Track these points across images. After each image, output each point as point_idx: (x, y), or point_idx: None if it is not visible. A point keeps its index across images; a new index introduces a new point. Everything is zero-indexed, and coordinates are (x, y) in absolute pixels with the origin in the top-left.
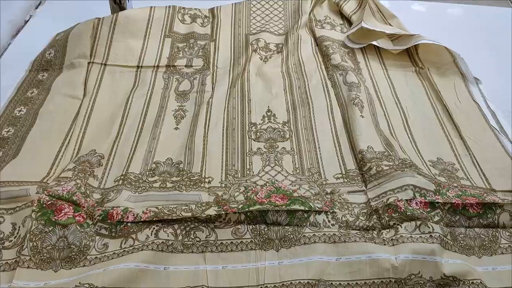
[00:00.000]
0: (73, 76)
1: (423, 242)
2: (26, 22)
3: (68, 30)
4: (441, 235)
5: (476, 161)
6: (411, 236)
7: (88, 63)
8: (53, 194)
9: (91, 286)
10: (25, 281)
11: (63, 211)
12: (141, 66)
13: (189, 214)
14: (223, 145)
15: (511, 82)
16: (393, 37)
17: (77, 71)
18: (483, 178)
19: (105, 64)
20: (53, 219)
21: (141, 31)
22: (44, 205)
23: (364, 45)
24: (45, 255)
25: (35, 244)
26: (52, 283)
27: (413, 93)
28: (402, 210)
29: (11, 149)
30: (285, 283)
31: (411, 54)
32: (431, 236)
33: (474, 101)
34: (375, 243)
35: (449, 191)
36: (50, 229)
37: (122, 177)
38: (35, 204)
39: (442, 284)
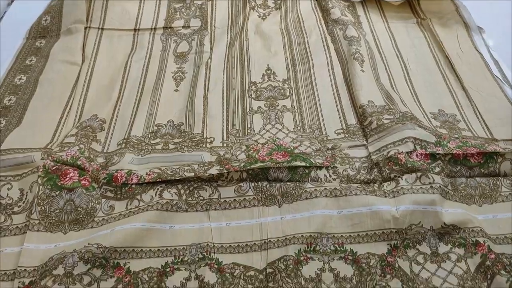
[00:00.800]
0: (70, 41)
1: (423, 193)
2: None
3: None
4: (441, 186)
5: (478, 112)
6: (411, 188)
7: (85, 28)
8: (57, 160)
9: (99, 246)
10: (35, 243)
11: (68, 176)
12: (139, 29)
13: (192, 174)
14: (223, 105)
15: None
16: None
17: (74, 36)
18: (485, 128)
19: (102, 29)
20: (59, 184)
21: None
22: (49, 171)
23: None
24: (53, 218)
25: (43, 208)
26: (61, 244)
27: (414, 45)
28: (402, 163)
29: (14, 118)
30: (288, 237)
31: (413, 5)
32: (431, 186)
33: (477, 50)
34: (375, 195)
35: (450, 142)
36: (56, 193)
37: (124, 140)
38: (40, 170)
39: (443, 232)
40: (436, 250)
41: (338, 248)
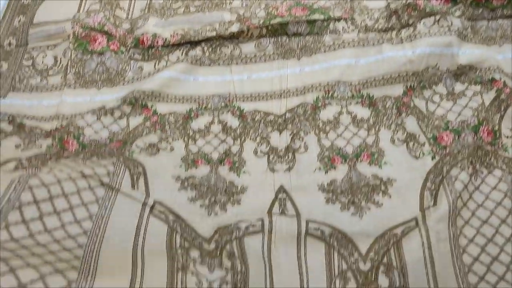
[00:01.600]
0: None
1: (440, 35)
2: None
3: None
4: (459, 28)
5: None
6: (429, 31)
7: None
8: (85, 26)
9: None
10: (72, 97)
11: (97, 41)
12: None
13: (214, 33)
14: None
15: None
16: None
17: None
18: None
19: None
20: (89, 49)
21: None
22: (79, 37)
23: None
24: (87, 78)
25: (77, 70)
26: (97, 98)
27: None
28: (421, 8)
29: None
30: (307, 86)
31: None
32: (449, 29)
33: None
34: (392, 43)
35: None
36: (88, 57)
37: (147, 6)
38: (71, 37)
39: (459, 73)
40: (452, 90)
41: (355, 94)
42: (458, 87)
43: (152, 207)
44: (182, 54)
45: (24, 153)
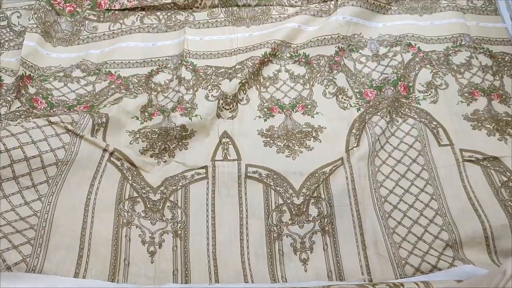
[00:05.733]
0: None
1: (366, 8)
2: None
3: None
4: (382, 3)
5: None
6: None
7: None
8: None
9: (92, 63)
10: (33, 42)
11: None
12: None
13: (169, 1)
14: None
15: None
16: None
17: None
18: None
19: None
20: (51, 2)
21: None
22: None
23: None
24: (46, 28)
25: (39, 15)
26: (53, 55)
27: None
28: None
29: None
30: (255, 45)
31: None
32: (373, 3)
33: None
34: (329, 14)
35: None
36: (49, 8)
37: None
38: None
39: (381, 40)
40: (377, 52)
41: (293, 54)
42: (382, 50)
43: (111, 154)
44: (137, 19)
45: None
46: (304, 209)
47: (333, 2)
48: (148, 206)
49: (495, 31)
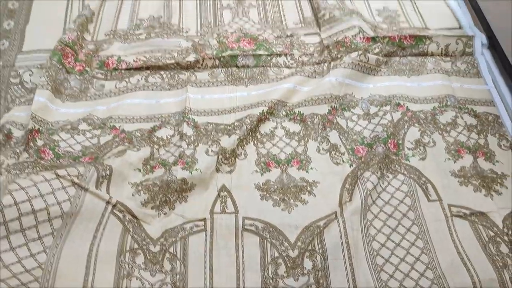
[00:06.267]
0: None
1: (355, 69)
2: None
3: None
4: (372, 66)
5: (416, 6)
6: (344, 62)
7: None
8: (62, 41)
9: (98, 118)
10: (43, 98)
11: (68, 58)
12: None
13: (173, 61)
14: (196, 2)
15: None
16: None
17: None
18: (421, 20)
19: None
20: (62, 61)
21: None
22: (55, 49)
23: None
24: (56, 85)
25: (50, 73)
26: (62, 110)
27: None
28: (348, 44)
29: (21, 19)
30: (253, 103)
31: None
32: (364, 66)
33: None
34: (322, 76)
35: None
36: (60, 67)
37: (112, 32)
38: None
39: (372, 100)
40: (368, 111)
41: (289, 112)
42: (372, 109)
43: (114, 206)
44: (142, 78)
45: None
46: (299, 262)
47: (326, 65)
48: (148, 258)
49: (478, 92)
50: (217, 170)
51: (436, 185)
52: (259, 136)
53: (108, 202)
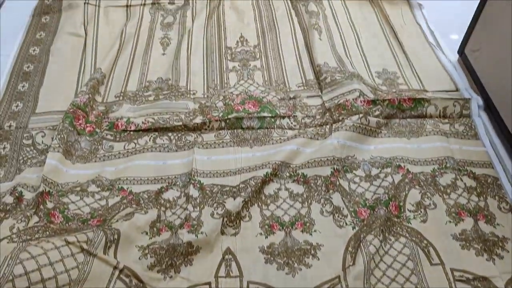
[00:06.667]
0: (72, 16)
1: (358, 132)
2: None
3: None
4: (373, 128)
5: (415, 70)
6: (346, 125)
7: (84, 3)
8: (74, 103)
9: (107, 179)
10: (54, 160)
11: (79, 121)
12: (130, 5)
13: (180, 123)
14: (203, 65)
15: (450, 6)
16: None
17: (75, 11)
18: (419, 82)
19: (98, 6)
20: (74, 123)
21: None
22: (68, 112)
23: None
24: (67, 147)
25: (62, 136)
26: (72, 172)
27: (365, 18)
28: (349, 107)
29: (35, 81)
30: (258, 165)
31: None
32: (364, 128)
33: (417, 22)
34: (325, 138)
35: (387, 96)
36: (71, 129)
37: (121, 94)
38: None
39: (373, 161)
40: (369, 173)
41: (292, 174)
42: (374, 171)
43: (121, 271)
44: (150, 140)
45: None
46: None
47: (328, 127)
48: None
49: (477, 154)
50: (222, 232)
51: (438, 249)
52: (263, 198)
53: (115, 267)
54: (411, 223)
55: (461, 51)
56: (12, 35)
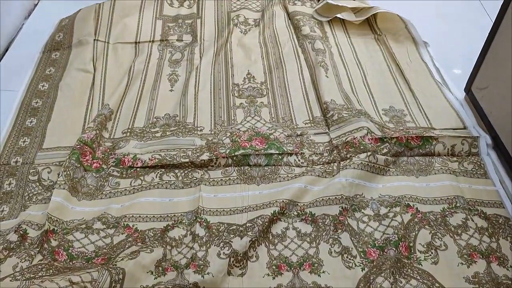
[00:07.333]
0: (82, 52)
1: (366, 170)
2: (35, 5)
3: (73, 15)
4: (381, 166)
5: (422, 107)
6: (353, 163)
7: (94, 40)
8: (81, 139)
9: (113, 216)
10: (60, 198)
11: (86, 157)
12: (139, 42)
13: (187, 160)
14: (211, 102)
15: (456, 44)
16: (355, 10)
17: (85, 48)
18: (426, 120)
19: (108, 42)
20: (80, 160)
21: (135, 14)
22: (74, 148)
23: (330, 18)
24: (74, 184)
25: (68, 172)
26: (78, 209)
27: (371, 56)
28: (357, 145)
29: (43, 116)
30: (265, 203)
31: (371, 23)
32: (373, 166)
33: (423, 60)
34: (333, 176)
35: (395, 133)
36: (78, 165)
37: (129, 130)
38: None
39: (382, 200)
40: (378, 212)
41: (300, 212)
42: (383, 210)
43: None
44: (156, 176)
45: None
46: None
47: (336, 164)
48: None
49: (487, 193)
50: (229, 273)
51: None
52: (270, 237)
53: None
54: (421, 265)
55: (467, 89)
56: (22, 71)
